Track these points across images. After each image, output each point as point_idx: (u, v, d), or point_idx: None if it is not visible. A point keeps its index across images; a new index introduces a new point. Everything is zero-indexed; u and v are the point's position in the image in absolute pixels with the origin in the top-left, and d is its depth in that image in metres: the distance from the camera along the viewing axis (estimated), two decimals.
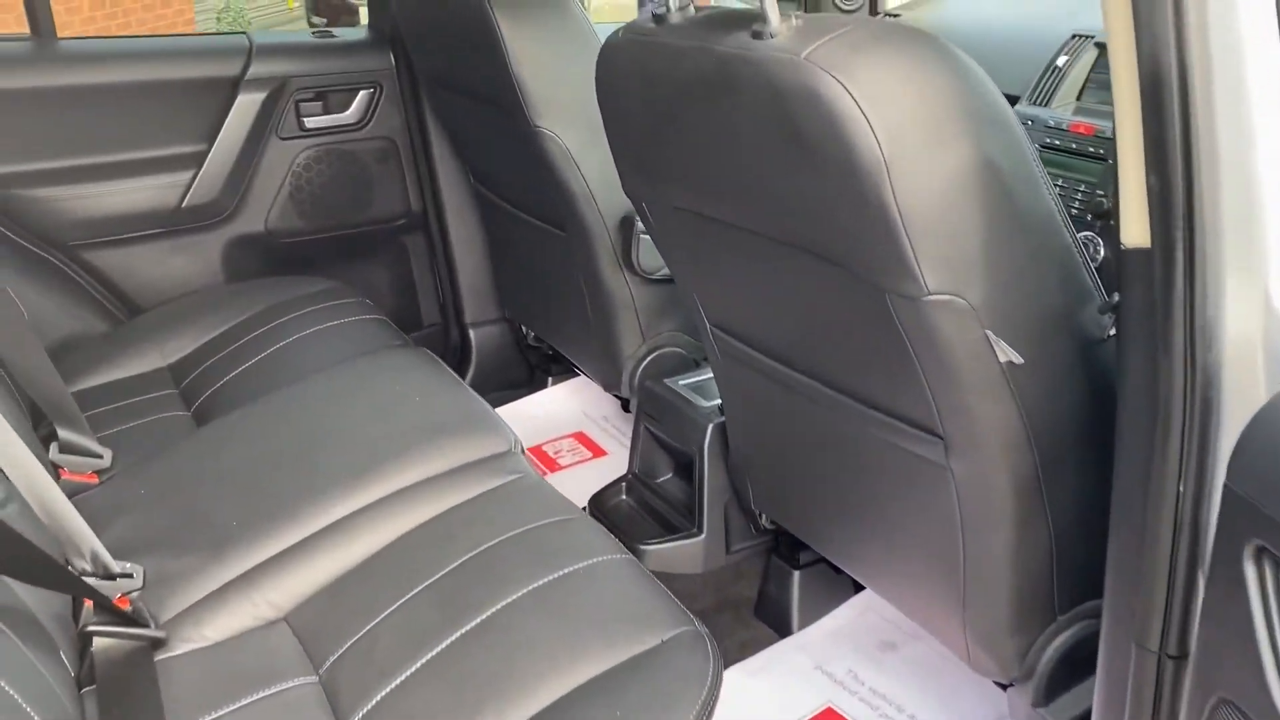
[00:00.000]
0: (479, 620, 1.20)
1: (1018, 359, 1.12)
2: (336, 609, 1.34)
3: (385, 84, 2.50)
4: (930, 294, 1.09)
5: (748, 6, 1.24)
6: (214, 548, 1.46)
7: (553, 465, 2.47)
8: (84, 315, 2.24)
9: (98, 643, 1.30)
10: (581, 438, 2.58)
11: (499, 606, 1.21)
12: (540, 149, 1.94)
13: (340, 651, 1.27)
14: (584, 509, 2.16)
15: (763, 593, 1.95)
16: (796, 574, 1.88)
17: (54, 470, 1.68)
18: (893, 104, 1.01)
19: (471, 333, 2.74)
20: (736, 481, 1.85)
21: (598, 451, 2.51)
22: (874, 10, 2.55)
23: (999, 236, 1.09)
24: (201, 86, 2.33)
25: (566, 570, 1.26)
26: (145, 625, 1.38)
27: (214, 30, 8.42)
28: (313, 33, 2.51)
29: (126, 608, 1.41)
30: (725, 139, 1.19)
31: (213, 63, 2.34)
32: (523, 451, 1.62)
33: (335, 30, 2.54)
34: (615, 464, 2.35)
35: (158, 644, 1.32)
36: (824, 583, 1.90)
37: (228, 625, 1.36)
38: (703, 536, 1.92)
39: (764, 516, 1.83)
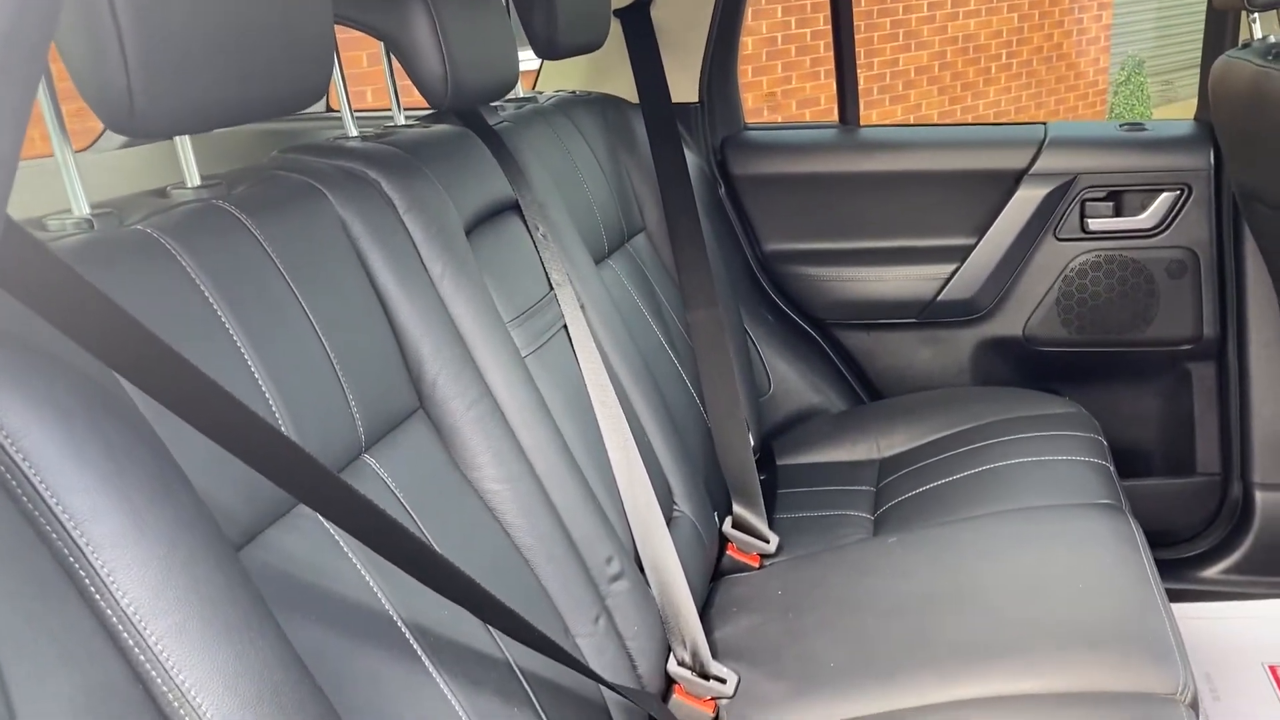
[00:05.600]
0: None
1: None
2: None
3: (1195, 187, 2.10)
4: None
5: None
6: (803, 683, 1.37)
7: None
8: (827, 392, 2.30)
9: None
10: None
11: None
12: None
13: None
14: None
15: None
16: None
17: (722, 544, 1.75)
18: None
19: (1258, 495, 2.18)
20: None
21: None
22: None
23: None
24: (983, 178, 2.22)
25: None
26: None
27: (1110, 105, 8.22)
28: (1121, 125, 2.22)
29: (710, 713, 1.39)
30: None
31: (1000, 154, 2.22)
32: (1192, 703, 1.20)
33: (1148, 123, 2.21)
34: None
35: None
36: None
37: None
38: None
39: None
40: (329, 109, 2.60)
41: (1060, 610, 1.35)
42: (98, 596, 0.67)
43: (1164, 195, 2.13)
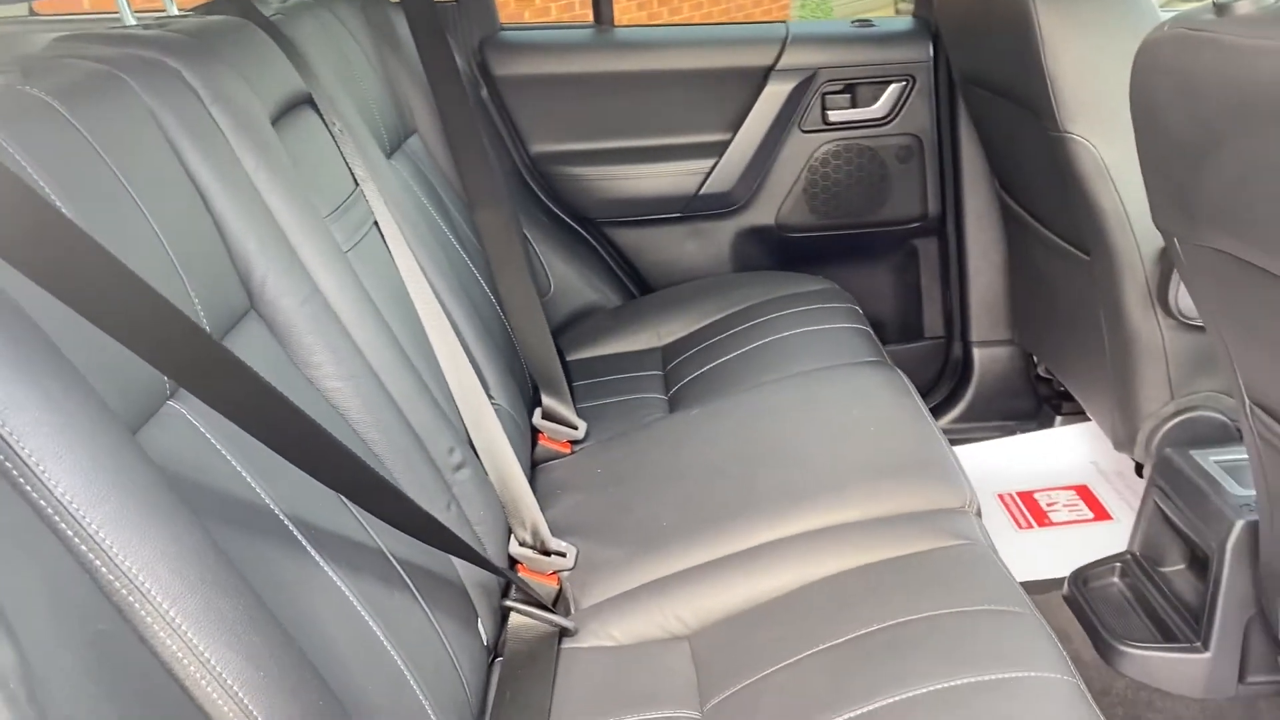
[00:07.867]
0: (863, 712, 1.04)
1: None
2: (736, 643, 1.26)
3: (919, 77, 2.33)
4: None
5: None
6: (641, 545, 1.45)
7: (1041, 518, 2.16)
8: (603, 288, 2.38)
9: (514, 619, 1.34)
10: (1084, 493, 2.23)
11: (890, 701, 1.04)
12: (1068, 158, 1.66)
13: (726, 694, 1.18)
14: (1064, 582, 1.86)
15: None
16: None
17: (534, 434, 1.80)
18: None
19: (976, 352, 2.49)
20: (1265, 598, 1.45)
21: (1100, 514, 2.16)
22: None
23: None
24: (734, 75, 2.34)
25: (983, 679, 1.05)
26: (568, 607, 1.42)
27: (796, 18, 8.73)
28: (853, 22, 2.42)
29: (555, 585, 1.45)
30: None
31: (748, 51, 2.35)
32: (978, 513, 1.40)
33: (877, 19, 2.42)
34: (1119, 534, 1.99)
35: (566, 632, 1.33)
36: None
37: (634, 629, 1.33)
38: (1208, 655, 1.54)
39: None
40: (32, 13, 2.32)
41: (860, 451, 1.51)
42: (29, 488, 0.63)
43: (892, 86, 2.34)
